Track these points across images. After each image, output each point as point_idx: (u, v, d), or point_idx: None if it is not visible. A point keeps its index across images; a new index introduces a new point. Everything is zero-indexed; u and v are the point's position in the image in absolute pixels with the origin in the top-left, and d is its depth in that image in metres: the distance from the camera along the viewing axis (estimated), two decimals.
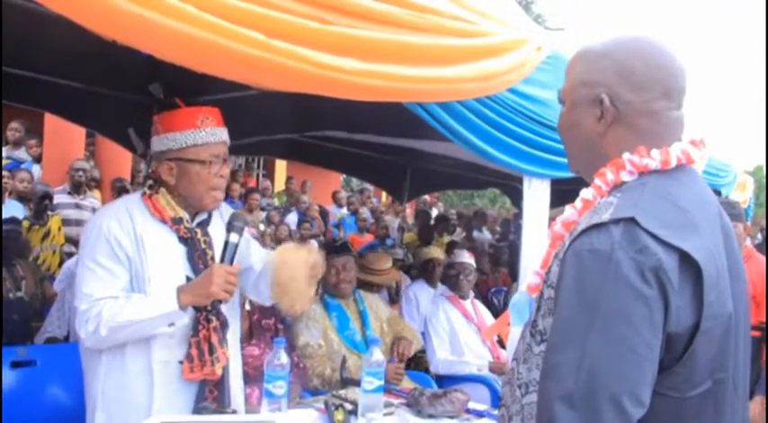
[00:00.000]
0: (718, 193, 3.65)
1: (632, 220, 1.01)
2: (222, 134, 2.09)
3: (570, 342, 1.00)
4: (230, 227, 2.02)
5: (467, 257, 4.31)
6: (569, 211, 1.21)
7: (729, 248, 1.14)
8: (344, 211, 10.04)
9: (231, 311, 2.16)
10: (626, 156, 1.14)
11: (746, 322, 1.17)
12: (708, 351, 1.05)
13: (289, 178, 10.71)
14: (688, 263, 1.01)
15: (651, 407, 1.00)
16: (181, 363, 1.98)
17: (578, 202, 1.20)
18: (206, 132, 2.03)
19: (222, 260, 1.98)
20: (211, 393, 2.03)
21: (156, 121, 2.09)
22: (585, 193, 1.19)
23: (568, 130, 1.25)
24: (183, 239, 2.05)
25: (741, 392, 1.15)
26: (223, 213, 2.21)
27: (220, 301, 1.99)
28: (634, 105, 1.15)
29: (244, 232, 2.06)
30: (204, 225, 2.12)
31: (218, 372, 2.00)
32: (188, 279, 2.01)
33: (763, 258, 3.58)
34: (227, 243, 2.00)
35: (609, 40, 1.21)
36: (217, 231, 2.12)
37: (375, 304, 3.62)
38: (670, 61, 1.17)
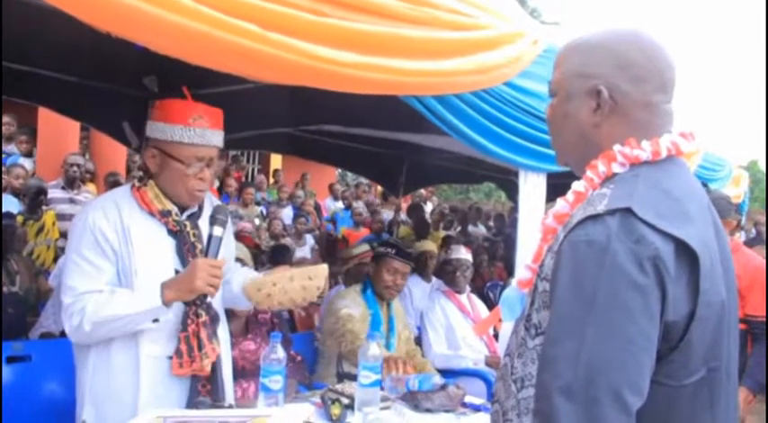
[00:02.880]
0: (704, 184, 3.66)
1: (628, 211, 1.01)
2: (213, 137, 2.01)
3: (568, 334, 1.00)
4: (213, 220, 1.98)
5: (463, 253, 4.31)
6: (561, 203, 1.21)
7: (719, 238, 1.14)
8: (339, 204, 10.01)
9: (219, 306, 2.15)
10: (617, 147, 1.14)
11: (736, 311, 1.18)
12: (703, 339, 1.05)
13: (275, 171, 10.56)
14: (684, 251, 1.02)
15: (648, 395, 1.00)
16: (170, 358, 1.96)
17: (570, 195, 1.20)
18: (194, 132, 1.96)
19: (206, 254, 1.94)
20: (204, 387, 2.01)
21: (154, 106, 2.03)
22: (577, 185, 1.19)
23: (560, 122, 1.24)
24: (172, 232, 2.02)
25: (733, 380, 1.16)
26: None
27: (206, 296, 1.96)
28: (632, 97, 1.15)
29: (227, 226, 2.03)
30: (194, 218, 2.09)
31: (207, 368, 1.98)
32: (177, 272, 1.99)
33: (750, 252, 3.64)
34: (210, 236, 1.97)
35: (603, 32, 1.20)
36: (207, 224, 2.07)
37: (400, 313, 3.65)
38: (665, 54, 1.17)
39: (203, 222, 2.09)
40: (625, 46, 1.16)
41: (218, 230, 1.97)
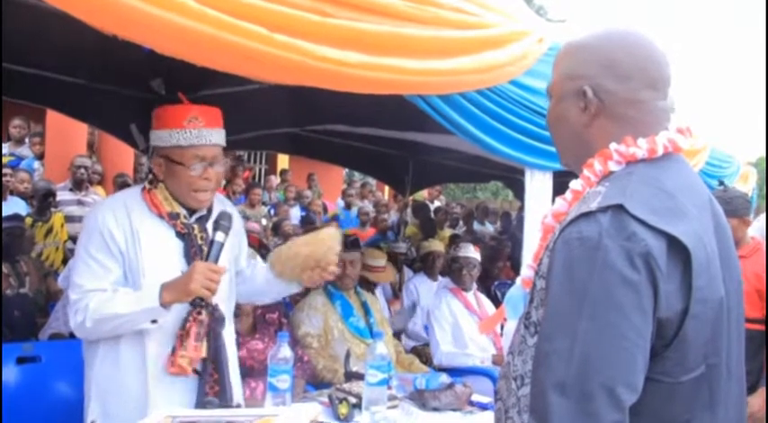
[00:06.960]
0: (721, 182, 3.61)
1: (620, 208, 1.02)
2: (211, 136, 2.02)
3: (561, 331, 1.01)
4: (217, 226, 2.00)
5: (471, 251, 4.31)
6: (559, 202, 1.22)
7: (721, 235, 1.14)
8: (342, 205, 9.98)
9: (228, 307, 2.16)
10: (613, 146, 1.15)
11: (739, 309, 1.17)
12: (700, 336, 1.05)
13: (283, 171, 10.59)
14: (676, 247, 1.02)
15: (643, 393, 1.00)
16: None
17: (568, 194, 1.21)
18: (191, 134, 1.98)
19: (207, 258, 1.95)
20: (212, 389, 2.02)
21: (153, 116, 2.06)
22: (575, 184, 1.20)
23: (555, 124, 1.26)
24: (180, 235, 2.04)
25: (735, 378, 1.15)
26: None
27: (203, 300, 1.93)
28: (618, 95, 1.16)
29: (230, 232, 2.03)
30: (203, 221, 2.10)
31: (186, 366, 1.95)
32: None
33: None
34: (212, 242, 1.98)
35: (592, 33, 1.22)
36: None
37: (373, 300, 3.67)
38: (653, 51, 1.17)
39: (212, 225, 2.10)
40: (610, 46, 1.18)
41: (219, 236, 1.98)
